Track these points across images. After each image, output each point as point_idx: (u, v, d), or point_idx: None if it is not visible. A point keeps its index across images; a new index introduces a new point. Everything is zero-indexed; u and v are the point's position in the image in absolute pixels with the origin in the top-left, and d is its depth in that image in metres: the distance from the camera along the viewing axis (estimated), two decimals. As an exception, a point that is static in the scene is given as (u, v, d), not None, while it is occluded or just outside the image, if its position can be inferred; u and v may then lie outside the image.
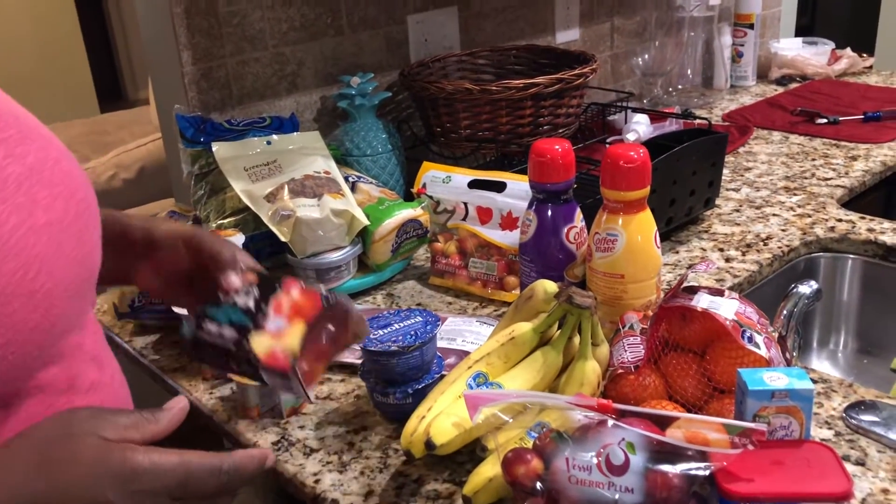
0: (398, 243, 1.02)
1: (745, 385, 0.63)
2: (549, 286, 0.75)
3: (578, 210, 0.88)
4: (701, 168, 1.08)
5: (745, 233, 1.12)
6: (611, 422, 0.60)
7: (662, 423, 0.61)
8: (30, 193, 0.53)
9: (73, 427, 0.50)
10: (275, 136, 1.07)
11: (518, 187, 0.98)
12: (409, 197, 1.10)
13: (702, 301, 0.73)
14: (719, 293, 0.75)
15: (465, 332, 0.87)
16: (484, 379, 0.72)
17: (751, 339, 0.69)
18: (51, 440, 0.49)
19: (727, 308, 0.72)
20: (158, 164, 2.04)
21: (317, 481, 0.71)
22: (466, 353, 0.84)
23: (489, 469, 0.65)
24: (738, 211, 1.19)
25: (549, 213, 0.87)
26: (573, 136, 1.25)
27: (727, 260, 1.05)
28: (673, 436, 0.59)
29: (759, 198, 1.23)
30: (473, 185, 1.01)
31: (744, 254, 1.06)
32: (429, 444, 0.64)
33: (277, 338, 0.61)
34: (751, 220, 1.15)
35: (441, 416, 0.66)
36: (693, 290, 0.76)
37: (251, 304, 0.63)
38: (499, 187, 1.00)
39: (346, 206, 0.98)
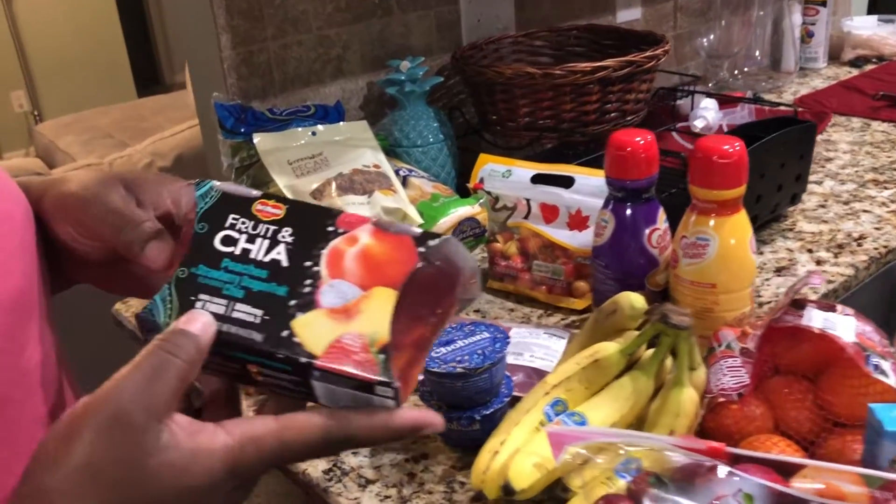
0: (454, 243, 0.94)
1: (880, 425, 0.53)
2: (637, 301, 0.66)
3: (661, 210, 0.78)
4: (789, 160, 0.97)
5: (834, 231, 1.01)
6: (724, 469, 0.51)
7: (785, 470, 0.52)
8: None
9: (118, 447, 0.34)
10: (320, 127, 0.99)
11: (588, 182, 0.89)
12: (463, 192, 1.01)
13: (815, 319, 0.63)
14: (830, 308, 0.66)
15: (533, 345, 0.79)
16: (563, 407, 0.63)
17: (877, 367, 0.59)
18: (102, 474, 0.34)
19: (845, 328, 0.62)
20: (195, 151, 1.99)
21: (374, 519, 0.63)
22: (535, 371, 0.75)
23: (573, 514, 0.57)
24: (823, 207, 1.08)
25: (629, 213, 0.77)
26: (640, 123, 1.15)
27: (818, 262, 0.95)
28: (801, 488, 0.50)
29: (845, 192, 1.12)
30: (537, 179, 0.92)
31: (836, 255, 0.96)
32: (507, 489, 0.56)
33: (344, 318, 0.38)
34: (839, 217, 1.05)
35: (520, 456, 0.57)
36: (800, 305, 0.66)
37: (282, 256, 0.40)
38: (566, 182, 0.90)
39: (399, 204, 0.90)
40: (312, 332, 0.38)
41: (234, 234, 0.41)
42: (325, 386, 0.38)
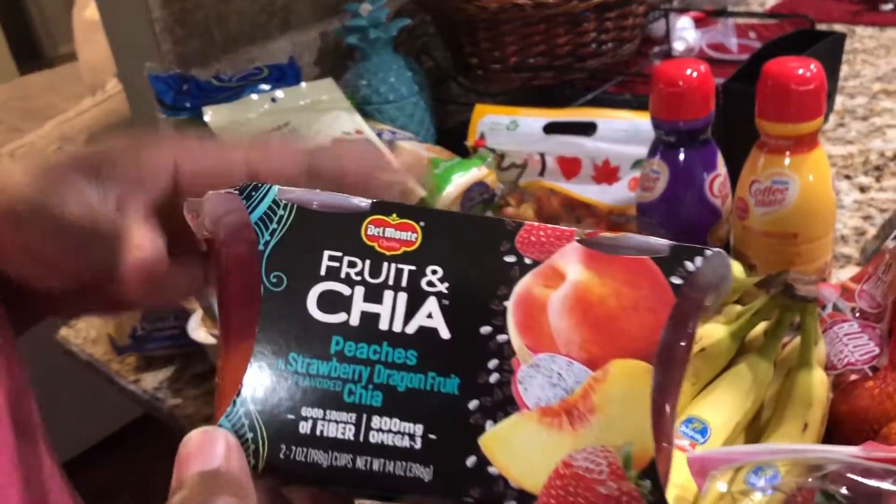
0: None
1: None
2: (737, 269, 0.55)
3: (719, 153, 0.67)
4: (820, 79, 0.87)
5: (864, 152, 0.92)
6: (931, 483, 0.40)
7: None
8: None
9: None
10: (279, 92, 0.83)
11: (613, 127, 0.76)
12: (456, 151, 0.87)
13: (948, 268, 0.53)
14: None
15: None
16: (671, 411, 0.51)
17: None
18: None
19: (985, 274, 0.53)
20: (107, 130, 1.77)
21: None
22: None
23: (718, 548, 0.46)
24: (842, 126, 0.99)
25: (684, 159, 0.65)
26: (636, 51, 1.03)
27: (862, 190, 0.85)
28: None
29: (858, 107, 1.03)
30: (550, 129, 0.79)
31: (878, 179, 0.87)
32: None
33: (569, 422, 0.23)
34: (863, 136, 0.96)
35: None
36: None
37: (437, 320, 0.24)
38: (586, 129, 0.78)
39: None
40: (518, 452, 0.23)
41: (343, 289, 0.24)
42: None
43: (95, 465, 1.68)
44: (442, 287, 0.24)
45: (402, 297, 0.24)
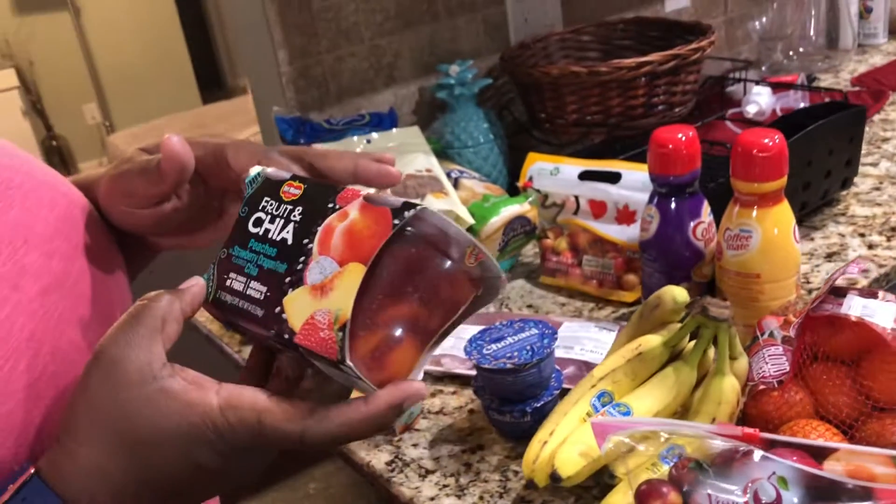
0: (505, 241, 0.97)
1: (916, 410, 0.55)
2: (679, 294, 0.69)
3: (706, 203, 0.80)
4: (838, 146, 0.98)
5: (888, 214, 1.01)
6: (759, 453, 0.54)
7: (819, 453, 0.54)
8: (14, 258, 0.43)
9: (98, 381, 0.39)
10: (374, 134, 1.04)
11: (634, 178, 0.91)
12: (513, 190, 1.05)
13: (853, 307, 0.65)
14: (872, 295, 0.67)
15: (584, 338, 0.82)
16: (609, 398, 0.66)
17: (917, 353, 0.60)
18: (112, 409, 0.39)
19: (884, 314, 0.64)
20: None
21: (434, 506, 0.67)
22: (585, 363, 0.79)
23: (620, 499, 0.60)
24: (878, 189, 1.08)
25: (673, 207, 0.80)
26: (688, 113, 1.16)
27: (870, 247, 0.95)
28: (832, 469, 0.53)
29: (901, 173, 1.11)
30: (585, 176, 0.95)
31: (889, 239, 0.96)
32: (554, 477, 0.60)
33: (320, 294, 0.39)
34: (894, 200, 1.04)
35: (566, 445, 0.61)
36: (841, 293, 0.68)
37: (289, 234, 0.42)
38: (613, 178, 0.93)
39: (451, 206, 0.94)
40: (296, 308, 0.39)
41: (263, 216, 0.43)
42: (313, 361, 0.40)
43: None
44: (298, 217, 0.42)
45: (281, 222, 0.42)
